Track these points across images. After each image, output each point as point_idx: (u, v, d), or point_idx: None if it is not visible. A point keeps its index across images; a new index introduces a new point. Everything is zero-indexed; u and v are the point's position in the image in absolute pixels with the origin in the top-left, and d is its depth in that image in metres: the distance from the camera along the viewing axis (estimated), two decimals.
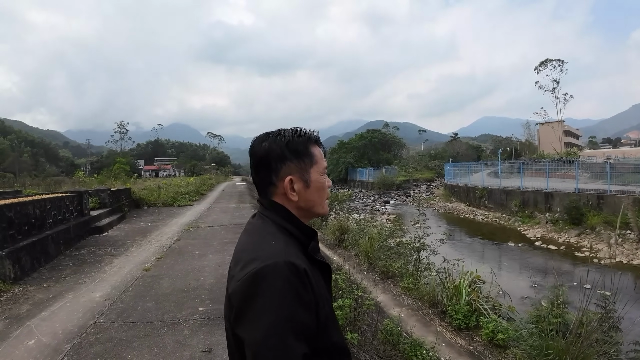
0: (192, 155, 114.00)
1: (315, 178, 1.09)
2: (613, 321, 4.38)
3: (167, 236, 9.23)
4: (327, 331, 1.00)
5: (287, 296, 0.88)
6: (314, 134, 1.14)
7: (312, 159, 1.09)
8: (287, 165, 1.06)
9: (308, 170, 1.08)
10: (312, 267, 1.00)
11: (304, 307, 0.90)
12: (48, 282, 5.76)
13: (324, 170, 1.13)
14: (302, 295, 0.90)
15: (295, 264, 0.92)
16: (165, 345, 3.57)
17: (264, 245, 0.99)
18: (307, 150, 1.09)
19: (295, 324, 0.87)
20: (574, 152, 46.64)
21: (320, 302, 0.97)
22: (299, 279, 0.91)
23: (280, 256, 0.93)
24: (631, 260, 12.37)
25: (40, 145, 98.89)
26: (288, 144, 1.06)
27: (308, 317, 0.91)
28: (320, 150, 1.13)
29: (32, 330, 4.05)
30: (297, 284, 0.90)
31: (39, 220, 7.13)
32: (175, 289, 5.22)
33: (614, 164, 22.06)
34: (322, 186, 1.11)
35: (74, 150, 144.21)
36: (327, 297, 1.05)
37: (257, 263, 0.92)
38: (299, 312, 0.89)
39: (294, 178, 1.06)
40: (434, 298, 6.05)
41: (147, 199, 16.23)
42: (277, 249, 0.96)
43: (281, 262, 0.91)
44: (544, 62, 61.67)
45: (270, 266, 0.90)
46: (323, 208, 1.13)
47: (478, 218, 22.76)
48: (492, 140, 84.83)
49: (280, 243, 0.98)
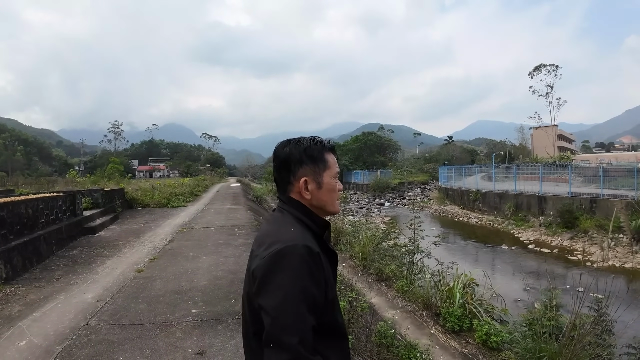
0: (186, 156, 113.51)
1: (327, 181, 1.27)
2: (606, 324, 4.41)
3: (160, 237, 9.17)
4: (333, 311, 1.18)
5: (302, 272, 1.05)
6: (330, 143, 1.32)
7: (326, 164, 1.27)
8: (304, 168, 1.24)
9: (321, 174, 1.26)
10: (324, 253, 1.17)
11: (316, 284, 1.07)
12: (40, 283, 5.69)
13: (336, 175, 1.29)
14: (314, 274, 1.07)
15: (311, 247, 1.09)
16: (157, 348, 3.54)
17: (284, 231, 1.17)
18: (321, 157, 1.26)
19: (308, 296, 1.04)
20: (567, 157, 46.97)
21: (330, 284, 1.16)
22: (313, 259, 1.08)
23: (299, 240, 1.11)
24: (623, 263, 12.46)
25: (34, 144, 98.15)
26: (306, 150, 1.25)
27: (318, 293, 1.08)
28: (333, 157, 1.31)
29: (24, 331, 4.00)
30: (311, 263, 1.07)
31: (31, 220, 7.05)
32: (168, 291, 5.18)
33: (606, 168, 22.26)
34: (332, 188, 1.28)
35: (67, 150, 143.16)
36: (333, 282, 1.22)
37: (280, 244, 1.09)
38: (311, 286, 1.06)
39: (309, 179, 1.24)
40: (428, 300, 6.05)
41: (140, 199, 16.14)
42: (296, 234, 1.14)
43: (300, 244, 1.09)
44: (538, 67, 62.13)
45: (290, 247, 1.08)
46: (334, 207, 1.30)
47: (472, 221, 22.85)
48: (487, 144, 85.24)
49: (298, 231, 1.17)
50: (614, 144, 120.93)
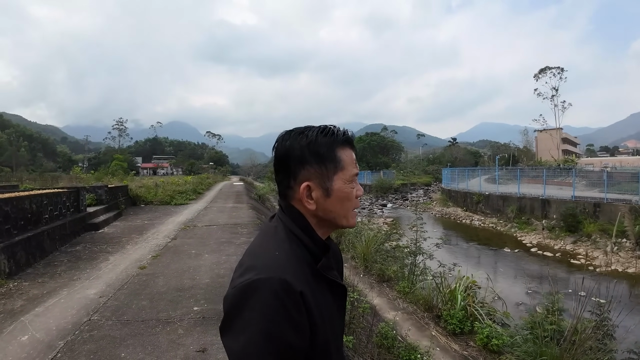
0: (190, 154, 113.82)
1: (339, 187, 0.96)
2: (607, 329, 4.40)
3: (163, 234, 9.20)
4: (326, 353, 0.93)
5: (275, 314, 0.82)
6: (346, 134, 1.00)
7: (338, 165, 0.96)
8: (306, 169, 0.95)
9: (331, 177, 0.95)
10: (317, 284, 0.93)
11: (293, 328, 0.83)
12: (43, 278, 5.73)
13: (353, 178, 0.98)
14: (292, 316, 0.83)
15: (290, 283, 0.84)
16: (159, 344, 3.55)
17: (267, 253, 0.91)
18: (331, 154, 0.96)
19: (279, 344, 0.81)
20: (571, 160, 46.76)
21: (320, 325, 0.89)
22: (291, 298, 0.83)
23: (278, 271, 0.85)
24: (626, 268, 12.41)
25: (38, 140, 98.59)
26: (309, 145, 0.95)
27: (296, 339, 0.84)
28: (351, 153, 1.00)
29: (26, 325, 4.03)
30: (288, 303, 0.83)
31: (35, 215, 7.10)
32: (170, 288, 5.20)
33: (611, 172, 22.14)
34: (346, 196, 0.97)
35: (71, 146, 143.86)
36: (332, 318, 0.96)
37: (253, 274, 0.85)
38: (285, 332, 0.82)
39: (312, 185, 0.95)
40: (429, 302, 6.05)
41: (144, 196, 16.21)
42: (276, 262, 0.88)
43: (276, 278, 0.84)
44: (544, 70, 61.88)
45: (263, 280, 0.83)
46: (348, 220, 1.00)
47: (475, 223, 22.80)
48: (490, 146, 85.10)
49: (282, 255, 0.90)
50: (618, 147, 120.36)
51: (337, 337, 1.00)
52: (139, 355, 3.36)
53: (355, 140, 4.26)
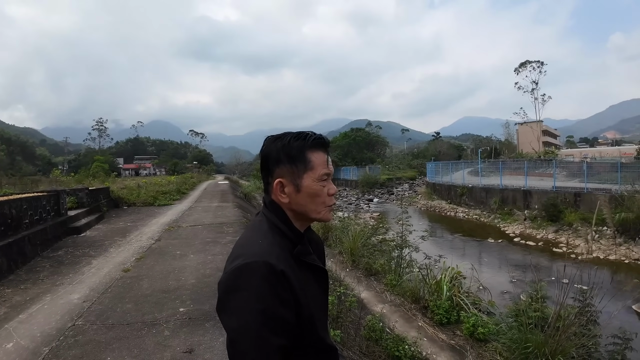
0: (173, 154, 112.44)
1: (308, 184, 1.10)
2: (591, 315, 4.49)
3: (147, 236, 9.07)
4: (314, 329, 1.06)
5: (264, 292, 0.95)
6: (320, 139, 1.14)
7: (307, 165, 1.10)
8: (280, 168, 1.11)
9: (301, 176, 1.10)
10: (299, 268, 1.06)
11: (281, 303, 0.97)
12: (25, 284, 5.59)
13: (322, 177, 1.12)
14: (279, 292, 0.97)
15: (272, 264, 0.98)
16: (145, 347, 3.51)
17: (252, 243, 1.06)
18: (301, 156, 1.10)
19: (270, 317, 0.94)
20: (552, 152, 47.63)
21: (304, 301, 1.02)
22: (276, 277, 0.97)
23: (262, 256, 0.99)
24: (607, 255, 12.73)
25: (17, 143, 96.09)
26: (284, 148, 1.10)
27: (285, 312, 0.97)
28: (322, 156, 1.13)
29: (10, 333, 3.94)
30: (274, 281, 0.97)
31: (15, 220, 6.92)
32: (155, 290, 5.13)
33: (590, 163, 22.66)
34: (314, 193, 1.11)
35: (51, 149, 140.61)
36: (316, 297, 1.10)
37: (241, 260, 1.00)
38: (275, 307, 0.96)
39: (284, 181, 1.10)
40: (416, 294, 6.11)
41: (126, 198, 15.94)
42: (260, 249, 1.02)
43: (261, 261, 0.98)
44: (524, 64, 62.88)
45: (250, 264, 0.98)
46: (319, 214, 1.13)
47: (459, 215, 23.10)
48: (473, 140, 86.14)
49: (266, 243, 1.05)
50: (597, 139, 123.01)
51: (321, 314, 1.15)
52: (125, 359, 3.31)
53: (341, 136, 4.29)
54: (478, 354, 4.67)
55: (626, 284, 9.60)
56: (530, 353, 4.02)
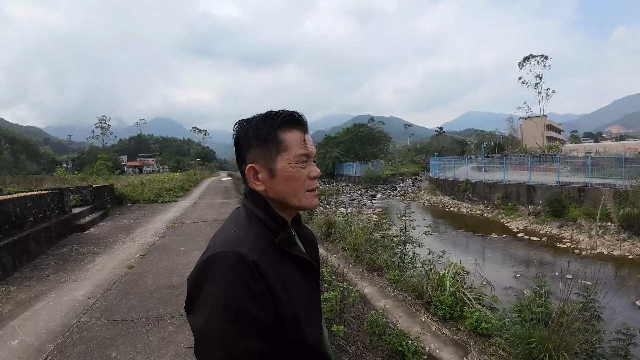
0: (176, 151, 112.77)
1: (282, 167, 0.98)
2: (594, 310, 4.47)
3: (151, 233, 9.12)
4: (298, 331, 0.93)
5: (233, 286, 0.84)
6: (291, 116, 1.01)
7: (279, 146, 0.98)
8: (251, 152, 1.00)
9: (274, 158, 0.98)
10: (279, 259, 0.95)
11: (252, 299, 0.85)
12: (30, 282, 5.64)
13: (298, 158, 0.99)
14: (250, 287, 0.85)
15: (242, 254, 0.87)
16: (149, 343, 3.54)
17: (225, 233, 0.97)
18: (271, 136, 0.98)
19: (238, 314, 0.83)
20: (555, 147, 47.49)
21: (284, 298, 0.90)
22: (247, 269, 0.86)
23: (232, 245, 0.89)
24: (611, 251, 12.68)
25: (21, 142, 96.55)
26: (252, 129, 1.00)
27: (258, 310, 0.85)
28: (297, 134, 1.01)
29: (15, 330, 3.97)
30: (245, 274, 0.85)
31: (20, 218, 6.97)
32: (159, 286, 5.17)
33: (594, 158, 22.55)
34: (290, 176, 0.99)
35: (54, 147, 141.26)
36: (300, 294, 0.96)
37: (210, 251, 0.90)
38: (245, 303, 0.84)
39: (257, 166, 1.00)
40: (419, 289, 6.11)
41: (130, 195, 16.02)
42: (232, 238, 0.92)
43: (229, 251, 0.87)
44: (528, 58, 62.49)
45: (218, 254, 0.87)
46: (300, 201, 1.01)
47: (462, 211, 23.05)
48: (476, 135, 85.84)
49: (240, 232, 0.95)
50: (602, 134, 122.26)
51: (310, 314, 0.99)
52: (130, 355, 3.34)
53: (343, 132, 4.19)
54: (481, 349, 4.67)
55: (630, 279, 9.56)
56: (534, 348, 4.02)
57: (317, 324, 1.03)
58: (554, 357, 3.84)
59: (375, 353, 4.07)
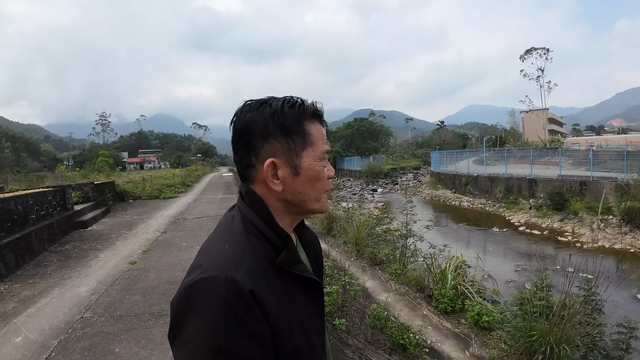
0: (177, 147, 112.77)
1: (309, 164, 0.85)
2: (596, 304, 4.48)
3: (153, 229, 9.15)
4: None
5: (222, 323, 0.69)
6: (314, 106, 0.88)
7: (306, 139, 0.85)
8: (271, 143, 0.83)
9: (299, 153, 0.84)
10: (282, 283, 0.80)
11: (248, 338, 0.70)
12: (33, 279, 5.67)
13: (323, 155, 0.88)
14: (246, 324, 0.71)
15: (238, 282, 0.71)
16: (152, 338, 3.56)
17: (216, 249, 0.81)
18: (299, 127, 0.85)
19: (232, 357, 0.69)
20: (557, 140, 47.32)
21: (285, 331, 0.76)
22: (241, 302, 0.71)
23: (224, 269, 0.73)
24: (613, 244, 12.68)
25: (22, 140, 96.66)
26: (274, 116, 0.83)
27: (254, 350, 0.71)
28: (320, 128, 0.89)
29: (19, 327, 4.00)
30: (238, 307, 0.70)
31: (22, 216, 6.99)
32: (162, 282, 5.19)
33: (596, 151, 22.50)
34: (317, 175, 0.86)
35: (55, 144, 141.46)
36: (305, 322, 0.82)
37: (197, 273, 0.74)
38: (238, 344, 0.70)
39: (278, 162, 0.83)
40: (421, 283, 6.13)
41: (131, 191, 16.06)
42: (225, 258, 0.76)
43: (222, 277, 0.71)
44: (529, 51, 62.16)
45: (206, 280, 0.72)
46: (320, 203, 0.89)
47: (464, 205, 23.05)
48: (478, 128, 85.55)
49: (235, 249, 0.78)
50: (604, 127, 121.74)
51: (313, 339, 0.85)
52: (133, 350, 3.36)
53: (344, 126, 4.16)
54: (482, 342, 4.69)
55: (631, 273, 9.57)
56: (535, 341, 4.03)
57: (320, 348, 0.88)
58: (555, 350, 3.86)
59: (377, 346, 4.09)
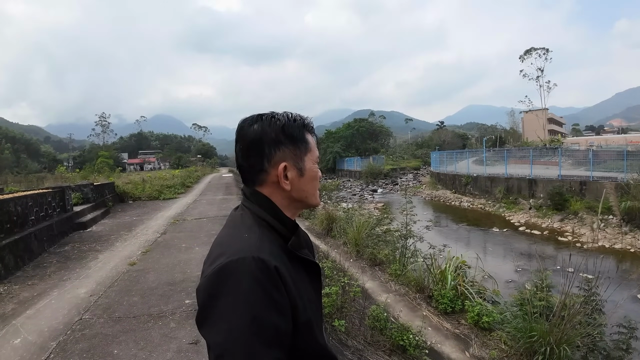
0: (177, 148, 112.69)
1: (310, 166, 1.04)
2: (596, 304, 4.46)
3: (152, 230, 9.14)
4: (312, 335, 0.94)
5: (254, 296, 0.81)
6: (308, 121, 1.09)
7: (307, 146, 1.04)
8: (282, 150, 1.00)
9: (303, 158, 1.03)
10: (292, 265, 0.94)
11: (275, 309, 0.82)
12: (33, 280, 5.66)
13: (317, 160, 1.08)
14: (272, 296, 0.83)
15: (265, 260, 0.84)
16: (151, 339, 3.55)
17: (235, 239, 0.93)
18: (302, 136, 1.04)
19: (264, 327, 0.80)
20: (557, 140, 47.34)
21: (300, 304, 0.90)
22: (269, 277, 0.83)
23: (250, 251, 0.85)
24: (613, 244, 12.66)
25: (22, 141, 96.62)
26: (284, 128, 1.01)
27: (280, 320, 0.83)
28: (312, 138, 1.09)
29: (18, 329, 3.99)
30: (266, 282, 0.82)
31: (21, 217, 6.98)
32: (161, 283, 5.18)
33: (596, 151, 22.50)
34: (315, 175, 1.06)
35: (55, 145, 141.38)
36: (311, 299, 0.98)
37: (224, 258, 0.85)
38: (268, 314, 0.81)
39: (289, 165, 1.00)
40: (421, 283, 6.11)
41: (131, 192, 16.06)
42: (248, 244, 0.89)
43: (249, 257, 0.84)
44: (529, 51, 62.16)
45: (236, 262, 0.84)
46: (316, 199, 1.08)
47: (464, 205, 23.03)
48: (478, 129, 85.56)
49: (253, 237, 0.92)
50: (603, 127, 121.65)
51: (318, 317, 1.02)
52: (132, 351, 3.35)
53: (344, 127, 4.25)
54: (482, 342, 4.68)
55: (632, 272, 9.56)
56: (535, 342, 4.02)
57: (322, 325, 1.05)
58: (556, 351, 3.85)
59: (377, 347, 4.08)
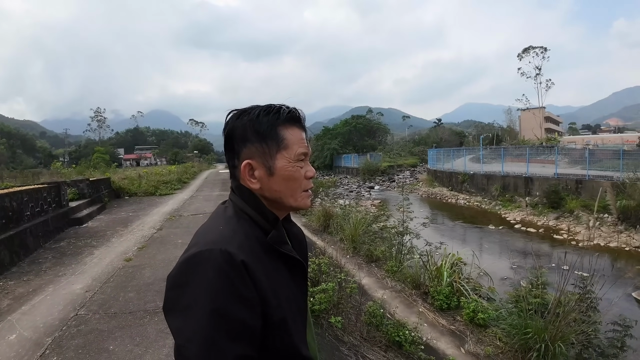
0: (173, 143, 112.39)
1: (282, 165, 0.94)
2: (591, 301, 4.49)
3: (148, 226, 9.11)
4: (287, 337, 0.89)
5: (220, 288, 0.79)
6: (292, 113, 0.97)
7: (280, 143, 0.94)
8: (248, 147, 0.94)
9: (273, 156, 0.94)
10: (270, 260, 0.90)
11: (240, 303, 0.80)
12: (28, 276, 5.63)
13: (299, 157, 0.96)
14: (238, 289, 0.80)
15: (231, 254, 0.82)
16: (147, 335, 3.54)
17: (211, 230, 0.91)
18: (272, 132, 0.94)
19: (227, 320, 0.78)
20: (554, 138, 47.48)
21: (273, 301, 0.86)
22: (236, 270, 0.81)
23: (220, 243, 0.83)
24: (608, 242, 12.73)
25: (17, 136, 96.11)
26: (251, 123, 0.94)
27: (246, 315, 0.80)
28: (297, 132, 0.97)
29: (13, 324, 3.98)
30: (232, 276, 0.80)
31: (16, 213, 6.93)
32: (157, 279, 5.17)
33: (592, 150, 22.57)
34: (290, 175, 0.95)
35: (51, 141, 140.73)
36: (289, 297, 0.92)
37: (195, 248, 0.85)
38: (232, 307, 0.79)
39: (254, 163, 0.94)
40: (417, 280, 6.14)
41: (127, 188, 15.99)
42: (221, 236, 0.87)
43: (217, 250, 0.82)
44: (527, 49, 62.34)
45: (203, 253, 0.82)
46: (296, 201, 0.97)
47: (460, 202, 23.09)
48: (475, 127, 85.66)
49: (228, 229, 0.89)
50: (600, 126, 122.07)
51: (297, 317, 0.95)
52: (128, 347, 3.34)
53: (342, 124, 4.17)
54: (478, 339, 4.71)
55: (627, 271, 9.63)
56: (530, 339, 4.05)
57: (303, 327, 0.98)
58: (550, 348, 3.87)
59: (373, 343, 4.10)
